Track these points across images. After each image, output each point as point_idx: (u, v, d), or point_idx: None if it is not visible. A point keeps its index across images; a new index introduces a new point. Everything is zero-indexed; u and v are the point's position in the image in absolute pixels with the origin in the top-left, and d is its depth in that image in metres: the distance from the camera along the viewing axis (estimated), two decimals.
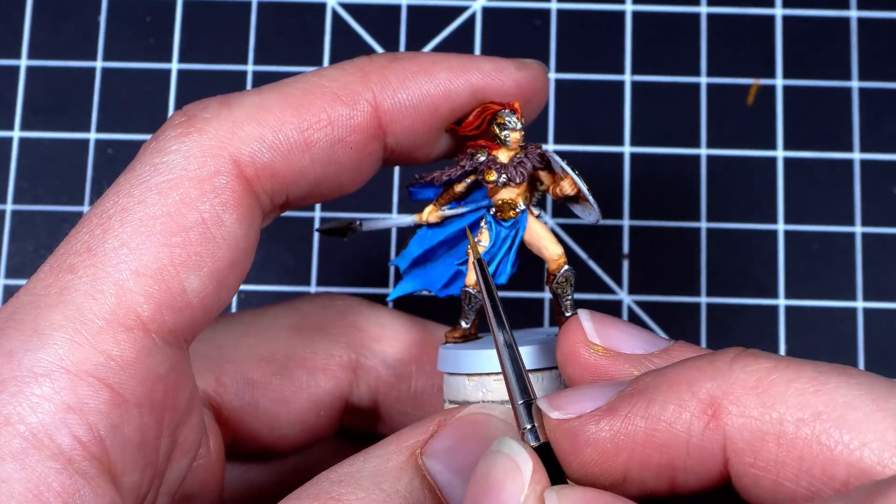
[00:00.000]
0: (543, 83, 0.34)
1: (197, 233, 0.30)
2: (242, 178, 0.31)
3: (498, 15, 0.48)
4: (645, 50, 0.48)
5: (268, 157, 0.31)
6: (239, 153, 0.31)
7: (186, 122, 0.31)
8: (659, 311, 0.46)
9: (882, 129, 0.47)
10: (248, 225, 0.31)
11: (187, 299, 0.30)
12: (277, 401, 0.37)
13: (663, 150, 0.47)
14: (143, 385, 0.29)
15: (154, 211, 0.30)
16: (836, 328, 0.46)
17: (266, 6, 0.49)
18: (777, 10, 0.48)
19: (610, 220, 0.46)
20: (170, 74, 0.48)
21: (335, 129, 0.32)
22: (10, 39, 0.48)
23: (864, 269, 0.46)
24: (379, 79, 0.32)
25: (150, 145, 0.31)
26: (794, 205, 0.47)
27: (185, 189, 0.30)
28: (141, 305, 0.29)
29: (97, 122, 0.48)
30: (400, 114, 0.32)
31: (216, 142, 0.30)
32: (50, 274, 0.29)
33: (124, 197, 0.30)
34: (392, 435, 0.31)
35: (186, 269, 0.30)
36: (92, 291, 0.29)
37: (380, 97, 0.32)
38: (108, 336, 0.29)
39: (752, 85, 0.48)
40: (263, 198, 0.31)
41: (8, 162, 0.47)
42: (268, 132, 0.31)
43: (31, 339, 0.28)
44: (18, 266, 0.47)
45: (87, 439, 0.28)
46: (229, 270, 0.31)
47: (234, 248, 0.30)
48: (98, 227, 0.30)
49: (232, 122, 0.31)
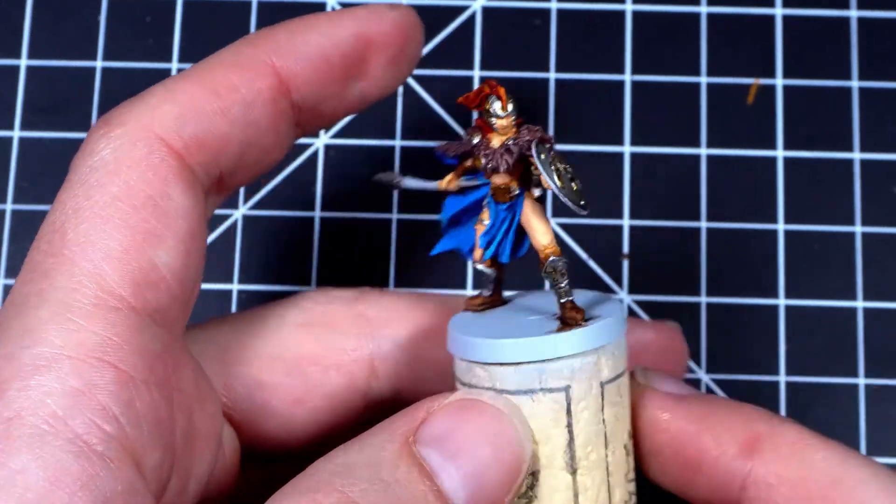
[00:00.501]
0: (416, 25, 0.36)
1: (149, 210, 0.31)
2: (174, 152, 0.32)
3: (498, 15, 0.48)
4: (645, 50, 0.48)
5: (191, 130, 0.32)
6: (163, 131, 0.32)
7: (105, 124, 0.32)
8: (659, 310, 0.46)
9: (882, 129, 0.47)
10: (193, 197, 0.32)
11: (161, 274, 0.30)
12: (291, 402, 0.36)
13: (663, 150, 0.47)
14: (143, 361, 0.29)
15: (103, 201, 0.30)
16: (836, 328, 0.46)
17: (266, 6, 0.49)
18: (777, 10, 0.48)
19: (610, 219, 0.46)
20: (170, 74, 0.48)
21: (244, 92, 0.33)
22: (10, 39, 0.48)
23: (864, 269, 0.46)
24: (270, 42, 0.34)
25: (78, 156, 0.32)
26: (794, 205, 0.47)
27: (125, 175, 0.31)
28: (121, 286, 0.29)
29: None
30: (297, 66, 0.34)
31: (139, 128, 0.32)
32: (24, 286, 0.30)
33: (70, 201, 0.31)
34: (384, 421, 0.31)
35: (151, 245, 0.30)
36: (71, 285, 0.29)
37: (274, 56, 0.34)
38: (99, 318, 0.29)
39: (752, 85, 0.48)
40: (198, 170, 0.32)
41: (8, 162, 0.47)
42: (184, 108, 0.32)
43: (24, 338, 0.28)
44: (18, 266, 0.47)
45: (102, 420, 0.28)
46: (191, 241, 0.31)
47: (189, 219, 0.31)
48: (55, 233, 0.30)
49: (148, 108, 0.32)
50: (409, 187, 0.35)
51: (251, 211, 0.47)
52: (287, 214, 0.47)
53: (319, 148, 0.47)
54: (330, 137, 0.47)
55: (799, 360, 0.45)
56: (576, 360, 0.31)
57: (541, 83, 0.48)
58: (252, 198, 0.47)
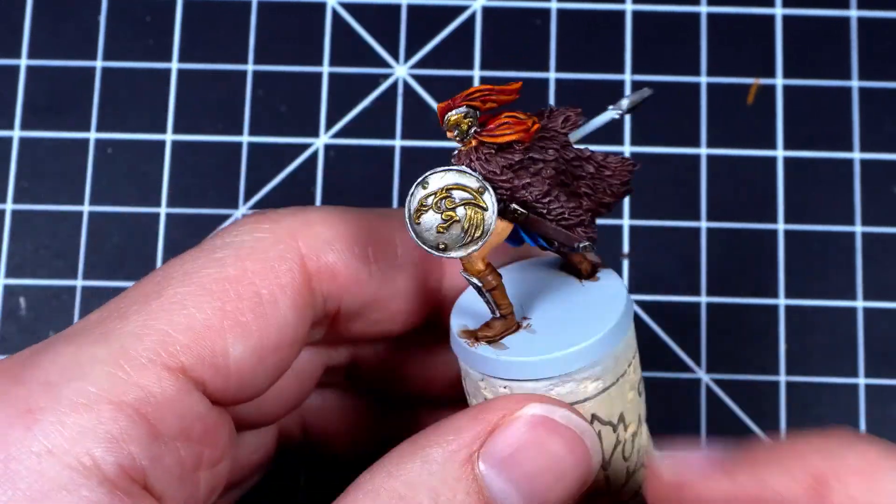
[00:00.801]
0: None
1: (251, 305, 0.31)
2: (304, 269, 0.32)
3: (498, 15, 0.48)
4: (645, 50, 0.48)
5: (332, 259, 0.32)
6: (306, 247, 0.32)
7: (261, 214, 0.33)
8: (659, 310, 0.46)
9: (882, 129, 0.47)
10: (299, 316, 0.32)
11: (227, 363, 0.30)
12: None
13: (663, 150, 0.47)
14: (181, 421, 0.30)
15: (215, 277, 0.31)
16: (836, 328, 0.46)
17: (266, 6, 0.49)
18: (777, 10, 0.48)
19: (610, 219, 0.46)
20: (170, 74, 0.48)
21: (400, 262, 0.33)
22: (10, 39, 0.48)
23: (864, 269, 0.46)
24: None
25: (221, 230, 0.33)
26: (794, 205, 0.47)
27: (248, 264, 0.31)
28: (184, 355, 0.30)
29: (97, 122, 0.48)
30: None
31: (287, 231, 0.32)
32: (99, 319, 0.30)
33: (189, 263, 0.31)
34: (449, 426, 0.30)
35: (233, 335, 0.30)
36: (139, 334, 0.30)
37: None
38: (150, 374, 0.29)
39: (752, 85, 0.48)
40: (318, 298, 0.32)
41: (8, 162, 0.47)
42: (337, 235, 0.33)
43: (72, 370, 0.29)
44: (18, 266, 0.47)
45: (131, 469, 0.28)
46: (272, 352, 0.31)
47: (282, 333, 0.31)
48: (158, 284, 0.31)
49: (305, 222, 0.32)
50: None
51: (251, 211, 0.47)
52: None
53: (319, 148, 0.47)
54: (330, 137, 0.48)
55: (799, 360, 0.45)
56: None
57: (541, 83, 0.48)
58: (252, 197, 0.47)
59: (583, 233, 0.31)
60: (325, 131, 0.48)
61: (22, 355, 0.30)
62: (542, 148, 0.31)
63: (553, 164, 0.31)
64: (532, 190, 0.31)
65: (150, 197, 0.47)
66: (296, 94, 0.48)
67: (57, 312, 0.46)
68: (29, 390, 0.28)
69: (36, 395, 0.28)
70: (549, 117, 0.32)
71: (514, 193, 0.31)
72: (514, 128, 0.30)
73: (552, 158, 0.31)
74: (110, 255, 0.47)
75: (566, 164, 0.32)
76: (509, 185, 0.30)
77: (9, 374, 0.29)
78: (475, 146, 0.30)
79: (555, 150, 0.31)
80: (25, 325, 0.46)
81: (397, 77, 0.48)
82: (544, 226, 0.31)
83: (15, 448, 0.28)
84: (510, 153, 0.31)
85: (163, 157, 0.47)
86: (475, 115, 0.30)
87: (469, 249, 0.30)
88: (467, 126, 0.30)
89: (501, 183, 0.30)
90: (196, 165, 0.47)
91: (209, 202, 0.47)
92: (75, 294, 0.46)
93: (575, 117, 0.32)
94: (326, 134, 0.48)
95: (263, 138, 0.48)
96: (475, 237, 0.30)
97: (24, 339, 0.46)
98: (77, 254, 0.46)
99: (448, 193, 0.30)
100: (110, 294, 0.46)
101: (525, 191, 0.31)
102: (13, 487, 0.27)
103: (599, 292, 0.33)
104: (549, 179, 0.31)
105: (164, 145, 0.47)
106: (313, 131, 0.48)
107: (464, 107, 0.30)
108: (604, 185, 0.32)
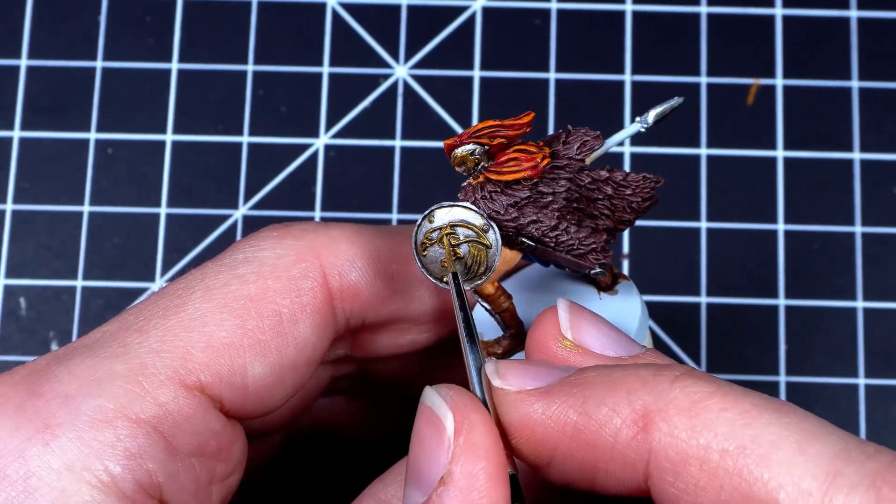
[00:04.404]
0: None
1: (271, 324, 0.31)
2: (326, 288, 0.32)
3: (498, 15, 0.48)
4: (645, 50, 0.48)
5: (354, 277, 0.32)
6: (328, 264, 0.32)
7: (284, 229, 0.32)
8: (659, 310, 0.46)
9: (882, 129, 0.47)
10: (319, 335, 0.32)
11: (245, 382, 0.30)
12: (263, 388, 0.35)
13: (663, 149, 0.47)
14: (197, 438, 0.30)
15: (236, 294, 0.31)
16: (836, 328, 0.46)
17: (266, 6, 0.49)
18: (777, 10, 0.48)
19: None
20: (170, 74, 0.48)
21: (427, 283, 0.33)
22: (10, 39, 0.48)
23: (864, 269, 0.46)
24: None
25: (242, 241, 0.32)
26: (794, 205, 0.47)
27: (269, 282, 0.31)
28: (203, 373, 0.30)
29: (97, 122, 0.48)
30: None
31: (310, 249, 0.32)
32: (118, 331, 0.30)
33: (211, 278, 0.31)
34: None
35: (253, 354, 0.30)
36: (158, 350, 0.30)
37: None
38: (168, 391, 0.29)
39: (752, 85, 0.48)
40: (340, 315, 0.32)
41: (8, 162, 0.47)
42: (360, 253, 0.32)
43: (90, 385, 0.29)
44: (18, 266, 0.47)
45: (148, 485, 0.28)
46: (290, 371, 0.31)
47: (301, 352, 0.31)
48: (179, 297, 0.31)
49: (328, 239, 0.32)
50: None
51: (251, 211, 0.47)
52: (287, 214, 0.47)
53: (319, 148, 0.47)
54: (330, 137, 0.48)
55: (799, 360, 0.45)
56: None
57: (541, 83, 0.48)
58: (252, 198, 0.47)
59: (594, 259, 0.31)
60: (325, 131, 0.48)
61: (38, 364, 0.30)
62: (553, 179, 0.31)
63: (564, 195, 0.31)
64: (539, 226, 0.30)
65: (150, 197, 0.47)
66: (296, 95, 0.48)
67: (57, 312, 0.46)
68: (47, 403, 0.28)
69: (54, 409, 0.28)
70: (564, 143, 0.31)
71: (520, 230, 0.31)
72: (522, 164, 0.30)
73: (563, 190, 0.31)
74: (110, 255, 0.47)
75: (580, 189, 0.31)
76: (514, 223, 0.30)
77: (26, 385, 0.29)
78: (482, 182, 0.30)
79: (567, 181, 0.31)
80: (25, 325, 0.46)
81: (397, 77, 0.48)
82: (554, 255, 0.31)
83: (34, 464, 0.28)
84: (517, 189, 0.30)
85: (163, 158, 0.47)
86: (483, 151, 0.30)
87: (473, 284, 0.30)
88: (474, 163, 0.30)
89: (506, 223, 0.30)
90: (196, 165, 0.47)
91: (209, 202, 0.47)
92: (75, 294, 0.46)
93: (592, 141, 0.31)
94: (326, 134, 0.48)
95: (263, 138, 0.48)
96: (479, 273, 0.30)
97: (24, 339, 0.46)
98: (77, 254, 0.46)
99: (453, 230, 0.30)
100: (110, 294, 0.46)
101: (532, 227, 0.30)
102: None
103: (614, 308, 0.33)
104: (559, 212, 0.31)
105: (164, 145, 0.47)
106: (313, 131, 0.48)
107: (470, 144, 0.30)
108: (623, 204, 0.32)
